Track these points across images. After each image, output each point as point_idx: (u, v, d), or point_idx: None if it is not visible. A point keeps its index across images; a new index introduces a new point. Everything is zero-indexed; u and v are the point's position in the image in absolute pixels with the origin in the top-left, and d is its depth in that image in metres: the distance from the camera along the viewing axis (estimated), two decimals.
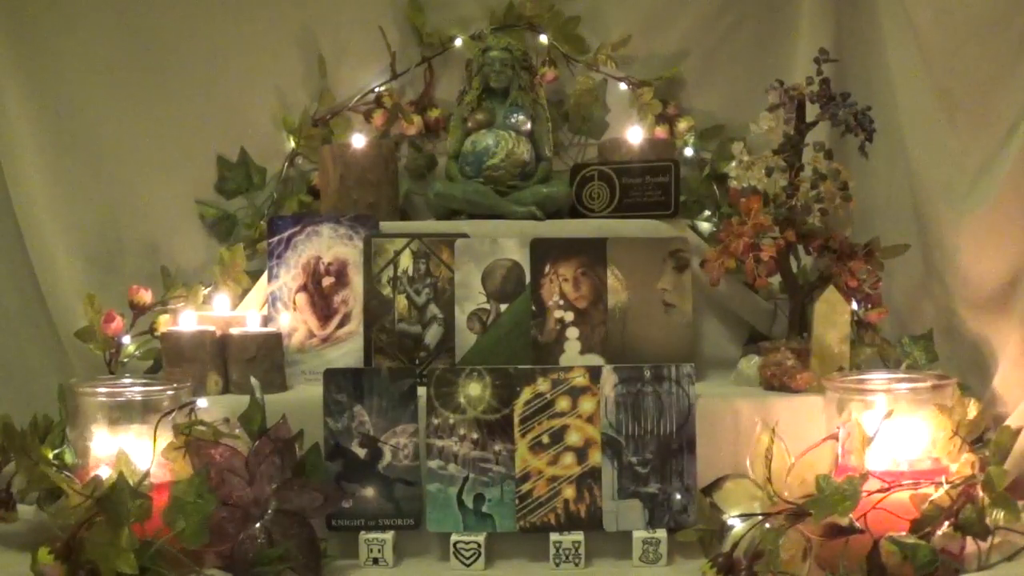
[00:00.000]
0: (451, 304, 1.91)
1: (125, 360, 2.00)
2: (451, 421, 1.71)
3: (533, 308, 1.90)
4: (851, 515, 1.51)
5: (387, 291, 1.92)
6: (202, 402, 1.72)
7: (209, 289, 2.08)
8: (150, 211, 2.23)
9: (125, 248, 2.22)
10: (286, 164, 2.29)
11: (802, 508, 1.52)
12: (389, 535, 1.67)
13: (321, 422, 1.70)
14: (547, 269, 1.92)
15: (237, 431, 1.64)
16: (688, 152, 2.30)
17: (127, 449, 1.57)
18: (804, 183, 1.91)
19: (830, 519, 1.51)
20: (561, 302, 1.91)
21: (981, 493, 1.57)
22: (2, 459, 1.72)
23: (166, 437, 1.60)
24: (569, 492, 1.69)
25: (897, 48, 2.08)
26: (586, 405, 1.71)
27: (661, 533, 1.66)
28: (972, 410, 1.70)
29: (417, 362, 1.90)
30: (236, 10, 2.26)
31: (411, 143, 2.32)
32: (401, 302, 1.92)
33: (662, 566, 1.65)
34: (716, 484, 1.65)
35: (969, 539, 1.55)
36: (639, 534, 1.66)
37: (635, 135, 2.18)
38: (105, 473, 1.54)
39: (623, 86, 2.31)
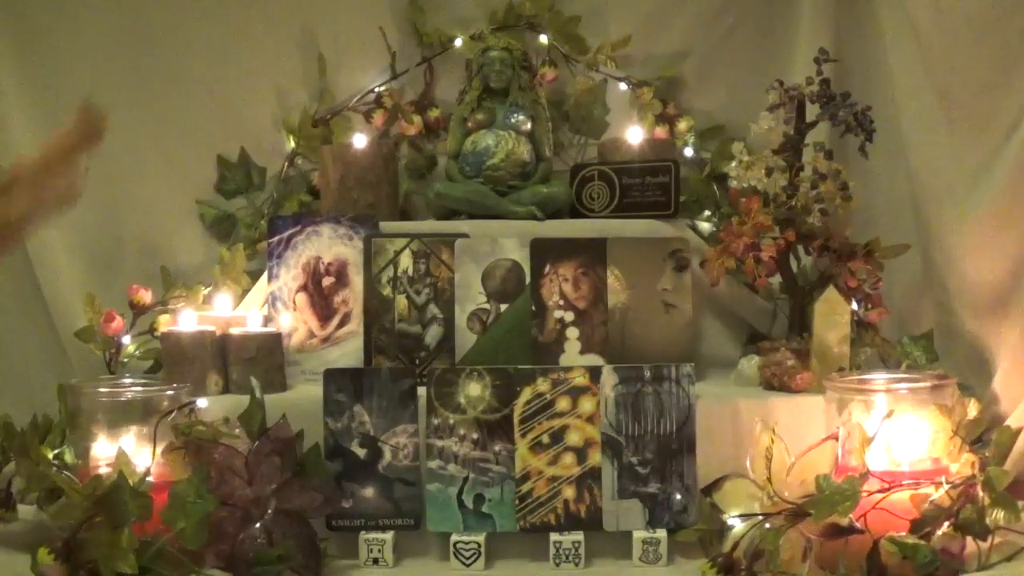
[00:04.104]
0: (451, 304, 1.91)
1: (125, 360, 2.00)
2: (451, 421, 1.71)
3: (533, 308, 1.90)
4: (851, 515, 1.51)
5: (387, 291, 1.92)
6: (202, 402, 1.72)
7: (209, 289, 2.08)
8: (150, 211, 2.23)
9: (125, 248, 2.22)
10: (286, 164, 2.29)
11: (802, 508, 1.52)
12: (389, 535, 1.66)
13: (321, 422, 1.70)
14: (547, 269, 1.92)
15: (237, 431, 1.64)
16: (688, 152, 2.30)
17: (127, 449, 1.58)
18: (804, 183, 1.91)
19: (830, 519, 1.51)
20: (561, 302, 1.91)
21: (981, 493, 1.56)
22: (2, 459, 1.72)
23: (166, 437, 1.60)
24: (569, 492, 1.69)
25: (897, 48, 2.08)
26: (586, 405, 1.71)
27: (661, 533, 1.66)
28: (972, 410, 1.70)
29: (417, 362, 1.90)
30: (236, 10, 2.26)
31: (411, 143, 2.32)
32: (401, 302, 1.92)
33: (662, 566, 1.65)
34: (716, 484, 1.64)
35: (969, 539, 1.55)
36: (639, 534, 1.66)
37: (635, 135, 2.18)
38: (105, 473, 1.54)
39: (623, 86, 2.31)
